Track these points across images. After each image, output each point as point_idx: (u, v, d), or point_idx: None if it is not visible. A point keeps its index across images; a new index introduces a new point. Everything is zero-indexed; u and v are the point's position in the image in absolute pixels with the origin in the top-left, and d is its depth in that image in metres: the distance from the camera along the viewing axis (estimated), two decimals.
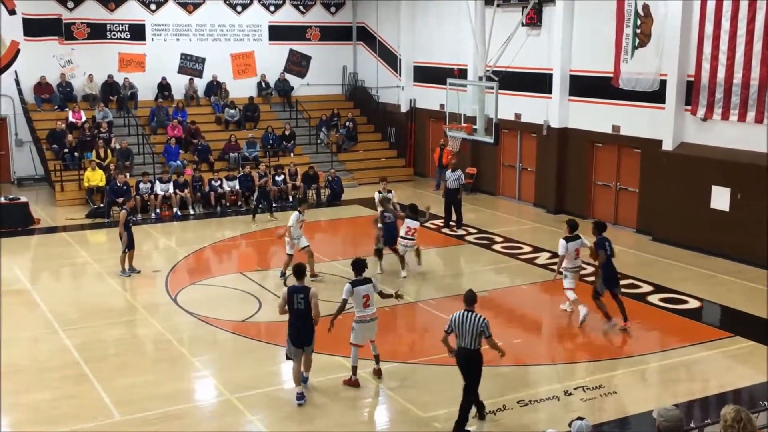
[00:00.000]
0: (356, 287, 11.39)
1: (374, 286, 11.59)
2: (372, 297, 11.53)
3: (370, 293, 11.48)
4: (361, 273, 11.56)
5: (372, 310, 11.54)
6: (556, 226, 21.45)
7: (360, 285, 11.41)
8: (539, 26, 22.95)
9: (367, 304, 11.47)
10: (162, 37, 28.55)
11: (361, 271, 11.57)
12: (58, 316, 14.42)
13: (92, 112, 26.44)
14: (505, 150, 25.05)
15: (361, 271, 11.58)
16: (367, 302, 11.46)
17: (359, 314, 11.51)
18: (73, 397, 11.19)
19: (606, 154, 21.82)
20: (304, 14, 30.74)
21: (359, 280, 11.48)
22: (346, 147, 28.66)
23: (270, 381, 11.88)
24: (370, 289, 11.49)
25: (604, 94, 21.18)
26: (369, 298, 11.46)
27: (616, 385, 11.61)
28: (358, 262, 11.64)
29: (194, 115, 27.68)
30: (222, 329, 13.88)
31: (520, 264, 17.85)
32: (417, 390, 11.46)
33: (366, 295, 11.42)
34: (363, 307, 11.45)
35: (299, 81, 30.85)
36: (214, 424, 10.59)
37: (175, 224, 22.23)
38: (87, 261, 18.16)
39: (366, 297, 11.42)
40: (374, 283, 11.65)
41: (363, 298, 11.42)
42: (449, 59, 26.27)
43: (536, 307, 15.58)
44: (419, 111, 28.78)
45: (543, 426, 10.20)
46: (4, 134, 26.77)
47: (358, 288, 11.39)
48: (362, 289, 11.40)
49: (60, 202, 23.70)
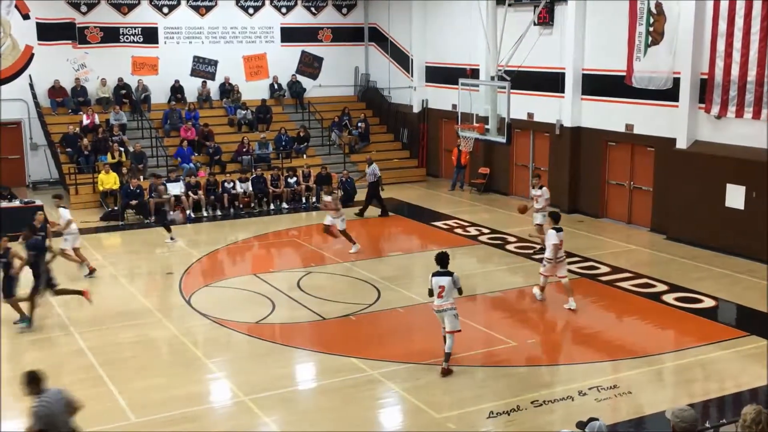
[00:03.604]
0: (433, 277, 12.03)
1: (454, 281, 12.01)
2: (448, 289, 11.93)
3: (446, 285, 11.91)
4: (443, 266, 12.09)
5: (443, 302, 11.98)
6: (569, 226, 21.39)
7: (436, 276, 12.01)
8: (551, 25, 22.90)
9: (441, 294, 11.96)
10: (174, 40, 28.66)
11: (441, 263, 12.11)
12: (72, 319, 14.49)
13: (106, 116, 26.59)
14: (517, 150, 25.00)
15: (443, 264, 12.10)
16: (441, 293, 11.95)
17: (432, 303, 12.21)
18: (88, 400, 11.16)
19: (619, 153, 21.73)
20: (315, 15, 30.79)
21: (439, 272, 12.06)
22: (358, 148, 28.67)
23: (284, 382, 11.89)
24: (447, 282, 11.93)
25: (617, 92, 21.10)
26: (444, 289, 11.93)
27: (631, 385, 11.55)
28: (440, 256, 12.21)
29: (207, 118, 27.78)
30: (236, 331, 13.91)
31: (533, 264, 17.79)
32: (431, 391, 11.45)
33: (441, 286, 11.94)
34: (437, 297, 12.01)
35: (311, 82, 30.90)
36: (229, 425, 10.62)
37: (188, 226, 22.30)
38: (101, 264, 18.23)
39: (441, 288, 11.94)
40: (454, 278, 12.03)
41: (438, 288, 11.95)
42: (461, 59, 26.24)
43: (550, 308, 15.52)
44: (431, 111, 28.76)
45: (558, 426, 10.16)
46: (18, 138, 26.93)
47: (435, 278, 12.01)
48: (436, 280, 11.98)
49: (74, 205, 23.78)
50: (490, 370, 12.21)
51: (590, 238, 20.27)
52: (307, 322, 14.40)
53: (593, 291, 16.04)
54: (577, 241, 19.76)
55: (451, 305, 11.98)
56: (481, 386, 11.66)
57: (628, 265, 17.58)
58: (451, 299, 12.02)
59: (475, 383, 11.75)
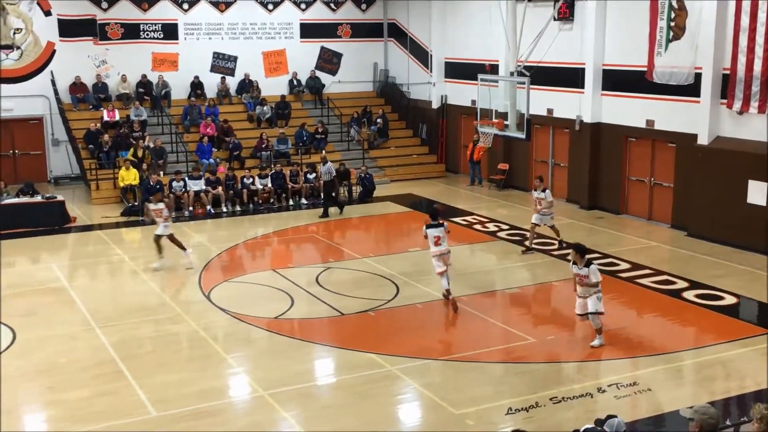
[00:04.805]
0: (429, 229, 14.40)
1: (445, 229, 14.49)
2: (443, 237, 14.37)
3: (441, 234, 14.36)
4: (434, 218, 14.60)
5: (441, 248, 14.35)
6: (589, 222, 21.34)
7: (431, 228, 14.40)
8: (571, 20, 22.77)
9: (438, 242, 14.35)
10: (194, 36, 28.79)
11: (433, 217, 14.70)
12: (94, 314, 14.61)
13: (126, 111, 26.76)
14: (537, 145, 24.91)
15: (434, 217, 14.65)
16: (438, 242, 14.35)
17: (432, 251, 14.42)
18: (109, 394, 11.33)
19: (640, 149, 21.59)
20: (335, 11, 30.80)
21: (432, 224, 14.47)
22: (377, 144, 28.68)
23: (303, 378, 11.93)
24: (441, 231, 14.40)
25: (637, 88, 20.96)
26: (440, 239, 14.35)
27: (651, 383, 11.48)
28: (432, 210, 15.19)
29: (226, 114, 27.88)
30: (255, 326, 13.97)
31: (552, 260, 17.74)
32: (449, 387, 11.45)
33: (437, 236, 14.35)
34: (434, 245, 14.34)
35: (330, 78, 30.93)
36: (248, 420, 10.67)
37: (208, 222, 22.42)
38: (122, 259, 18.38)
39: (437, 237, 14.35)
40: (445, 227, 14.53)
41: (434, 239, 14.35)
42: (480, 55, 26.17)
43: (569, 304, 15.38)
44: (451, 107, 28.70)
45: (577, 423, 10.12)
46: (40, 134, 27.18)
47: (430, 230, 14.37)
48: (431, 231, 14.38)
49: (95, 200, 24.02)
50: (508, 367, 12.18)
51: (610, 234, 20.17)
52: (325, 318, 14.44)
53: (613, 288, 15.93)
54: (597, 237, 19.67)
55: (447, 250, 14.41)
56: (500, 383, 11.64)
57: (649, 262, 17.47)
58: (446, 244, 14.39)
59: (494, 379, 11.73)
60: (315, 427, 10.36)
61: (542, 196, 18.08)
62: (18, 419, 10.84)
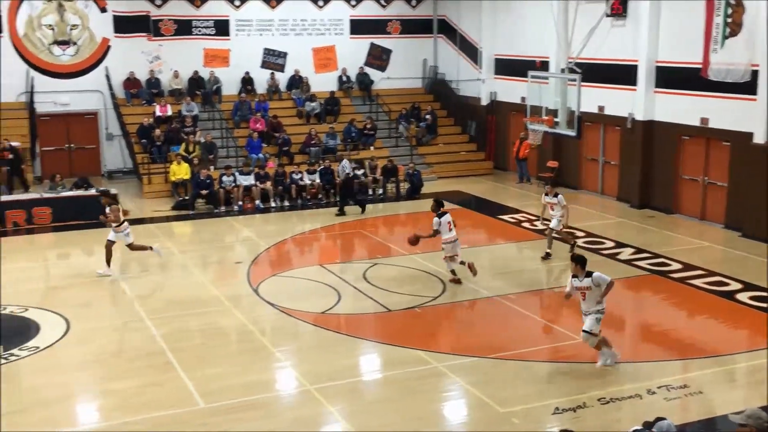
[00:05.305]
0: (441, 218, 15.59)
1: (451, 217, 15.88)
2: (452, 223, 15.70)
3: (450, 221, 15.72)
4: (441, 207, 15.92)
5: (453, 234, 15.62)
6: (640, 221, 21.04)
7: (442, 216, 15.64)
8: (624, 16, 22.42)
9: (450, 228, 15.61)
10: (245, 32, 29.05)
11: (440, 206, 15.94)
12: (145, 306, 14.87)
13: (178, 107, 27.13)
14: (587, 143, 24.60)
15: (441, 206, 15.95)
16: (450, 227, 15.62)
17: (445, 237, 15.57)
18: (158, 385, 11.51)
19: (693, 148, 21.20)
20: (384, 8, 30.82)
21: (442, 213, 15.71)
22: (425, 140, 28.63)
23: (349, 373, 11.97)
24: (450, 218, 15.82)
25: (691, 85, 20.57)
26: (451, 224, 15.69)
27: (702, 385, 11.28)
28: (438, 200, 16.24)
29: (276, 109, 28.10)
30: (302, 321, 14.06)
31: (602, 259, 17.52)
32: (495, 385, 11.38)
33: (449, 222, 15.68)
34: (448, 231, 15.57)
35: (379, 74, 30.95)
36: (294, 414, 10.74)
37: (256, 216, 22.63)
38: (172, 252, 18.63)
39: (449, 223, 15.66)
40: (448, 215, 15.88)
41: (447, 224, 15.59)
42: (531, 51, 25.95)
43: (619, 304, 15.24)
44: (500, 104, 28.52)
45: (625, 425, 9.99)
46: (95, 128, 27.71)
47: (444, 218, 15.62)
48: (445, 218, 15.65)
49: (147, 194, 24.40)
50: (555, 366, 12.07)
51: (661, 234, 19.85)
52: (372, 314, 14.47)
53: (664, 288, 15.71)
54: (647, 236, 19.39)
55: (456, 237, 15.68)
56: (547, 382, 11.55)
57: (701, 263, 17.15)
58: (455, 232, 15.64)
59: (541, 379, 11.63)
60: (360, 422, 10.39)
61: (554, 201, 17.67)
62: (71, 408, 11.08)
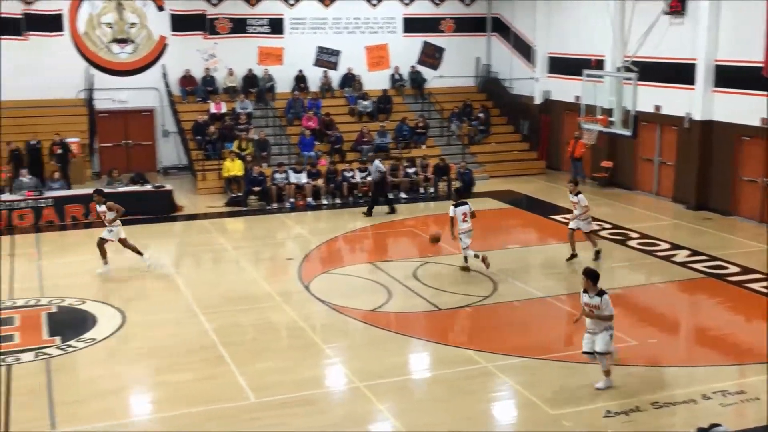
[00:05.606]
0: (457, 208, 16.11)
1: (470, 207, 16.40)
2: (468, 214, 16.16)
3: (467, 212, 16.18)
4: (461, 197, 16.67)
5: (468, 224, 16.08)
6: (696, 223, 20.64)
7: (459, 206, 16.15)
8: (683, 14, 22.00)
9: (465, 219, 16.07)
10: (299, 30, 29.24)
11: (460, 196, 16.78)
12: (198, 300, 15.07)
13: (232, 104, 27.45)
14: (643, 143, 24.21)
15: (461, 196, 16.71)
16: (465, 219, 16.07)
17: (461, 227, 16.07)
18: (211, 379, 11.67)
19: (753, 148, 20.70)
20: (438, 6, 30.74)
21: (459, 203, 16.25)
22: (477, 139, 28.49)
23: (399, 371, 11.98)
24: (468, 208, 16.27)
25: (752, 84, 20.09)
26: (467, 215, 16.14)
27: (760, 392, 11.02)
28: (458, 190, 17.35)
29: (329, 107, 28.23)
30: (353, 318, 14.12)
31: (657, 261, 17.24)
32: (545, 386, 11.28)
33: (464, 213, 16.14)
34: (462, 222, 16.06)
35: (432, 73, 30.89)
36: (344, 410, 10.79)
37: (308, 213, 22.77)
38: (225, 248, 18.86)
39: (464, 214, 16.12)
40: (469, 205, 16.43)
41: (462, 216, 16.09)
42: (586, 50, 25.62)
43: (674, 307, 15.02)
44: (554, 103, 28.24)
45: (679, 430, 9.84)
46: (151, 125, 28.19)
47: (459, 208, 16.12)
48: (461, 209, 16.13)
49: (201, 190, 24.73)
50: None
51: (719, 236, 19.43)
52: (422, 312, 14.45)
53: (720, 291, 15.39)
54: (704, 239, 19.02)
55: (470, 228, 16.08)
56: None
57: (760, 266, 16.74)
58: (470, 222, 16.09)
59: (591, 381, 11.49)
60: (409, 420, 10.39)
61: (575, 200, 17.06)
62: (125, 399, 11.29)
